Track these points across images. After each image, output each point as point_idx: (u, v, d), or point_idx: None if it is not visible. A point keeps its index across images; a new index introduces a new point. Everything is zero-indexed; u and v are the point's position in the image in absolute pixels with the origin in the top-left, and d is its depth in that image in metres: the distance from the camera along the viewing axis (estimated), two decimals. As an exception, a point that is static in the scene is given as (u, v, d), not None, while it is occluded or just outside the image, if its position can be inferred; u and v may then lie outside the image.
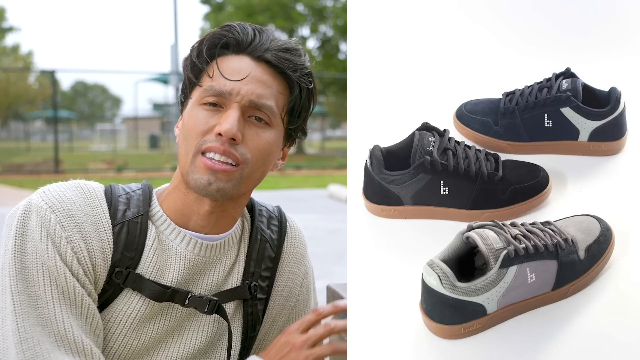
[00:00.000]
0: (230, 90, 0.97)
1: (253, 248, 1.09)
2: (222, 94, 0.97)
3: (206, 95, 0.98)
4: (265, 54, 0.99)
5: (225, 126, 0.95)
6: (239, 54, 1.00)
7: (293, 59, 1.01)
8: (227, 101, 0.98)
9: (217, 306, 1.02)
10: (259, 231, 1.11)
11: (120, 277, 0.97)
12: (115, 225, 0.98)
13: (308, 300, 1.18)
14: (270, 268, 1.11)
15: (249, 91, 0.98)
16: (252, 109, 0.98)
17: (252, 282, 1.07)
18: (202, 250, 1.02)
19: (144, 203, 1.02)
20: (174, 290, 0.99)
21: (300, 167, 17.26)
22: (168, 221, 1.01)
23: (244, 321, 1.07)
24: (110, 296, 0.97)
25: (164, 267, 1.00)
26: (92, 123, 56.91)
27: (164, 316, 1.00)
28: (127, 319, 0.98)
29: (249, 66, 0.99)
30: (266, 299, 1.11)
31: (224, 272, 1.05)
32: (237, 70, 0.98)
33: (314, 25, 23.36)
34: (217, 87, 0.97)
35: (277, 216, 1.15)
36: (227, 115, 0.96)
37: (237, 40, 0.99)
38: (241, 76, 0.98)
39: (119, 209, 0.99)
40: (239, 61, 0.99)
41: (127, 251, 0.97)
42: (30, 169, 16.12)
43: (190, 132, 0.98)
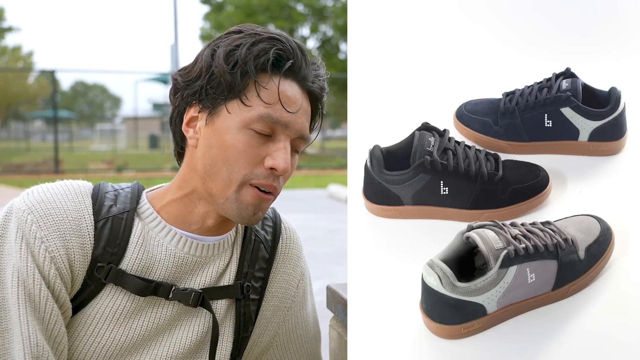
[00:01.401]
0: (287, 122, 0.95)
1: (247, 249, 1.08)
2: (279, 124, 0.95)
3: (260, 122, 0.94)
4: (312, 87, 0.99)
5: (282, 165, 0.94)
6: (291, 79, 0.97)
7: (324, 85, 1.01)
8: (279, 131, 0.96)
9: (202, 299, 1.01)
10: (253, 232, 1.10)
11: (101, 272, 0.96)
12: (99, 220, 0.97)
13: (304, 302, 1.17)
14: (264, 269, 1.10)
15: (301, 126, 0.97)
16: (297, 142, 0.98)
17: (245, 283, 1.06)
18: (193, 249, 1.01)
19: (132, 200, 1.01)
20: (157, 284, 0.98)
21: (300, 167, 17.26)
22: (158, 219, 1.01)
23: (236, 321, 1.07)
24: (92, 291, 0.97)
25: (150, 264, 0.99)
26: (92, 123, 56.97)
27: (151, 312, 1.00)
28: (113, 314, 0.97)
29: (300, 96, 0.97)
30: (259, 299, 1.10)
31: (217, 272, 1.04)
32: (292, 101, 0.96)
33: (314, 25, 23.37)
34: (275, 117, 0.94)
35: (272, 217, 1.15)
36: (281, 151, 0.95)
37: (292, 63, 0.95)
38: (296, 108, 0.96)
39: (105, 205, 0.99)
40: (292, 89, 0.96)
41: (109, 246, 0.97)
42: (30, 169, 16.13)
43: (239, 158, 0.94)
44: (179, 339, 1.02)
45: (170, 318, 1.01)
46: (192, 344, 1.03)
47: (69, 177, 1.04)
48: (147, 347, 1.00)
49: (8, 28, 30.25)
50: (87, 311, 0.97)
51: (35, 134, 41.66)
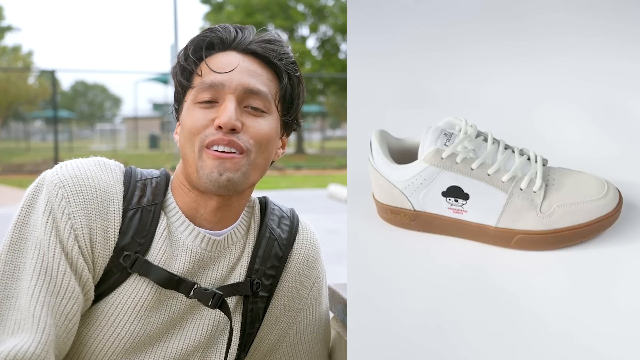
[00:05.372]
0: (222, 81, 0.99)
1: (260, 245, 1.09)
2: (214, 86, 0.99)
3: (199, 92, 1.00)
4: (250, 46, 1.02)
5: (224, 118, 0.97)
6: (225, 50, 1.03)
7: (277, 48, 1.04)
8: (221, 94, 0.99)
9: (221, 301, 1.03)
10: (268, 229, 1.11)
11: (128, 260, 0.98)
12: (130, 209, 1.00)
13: (318, 305, 1.18)
14: (276, 267, 1.10)
15: (241, 80, 1.00)
16: (247, 98, 1.00)
17: (255, 279, 1.07)
18: (209, 245, 1.04)
19: (160, 192, 1.04)
20: (180, 279, 1.00)
21: (300, 167, 17.27)
22: (179, 213, 1.03)
23: (242, 317, 1.08)
24: (117, 280, 0.98)
25: (171, 258, 1.01)
26: (92, 123, 57.00)
27: (167, 306, 1.01)
28: (134, 305, 0.99)
29: (236, 59, 1.02)
30: (269, 297, 1.11)
31: (228, 267, 1.06)
32: (225, 64, 1.01)
33: (313, 25, 23.36)
34: (208, 81, 0.99)
35: (289, 216, 1.15)
36: (224, 107, 0.98)
37: (220, 39, 1.02)
38: (231, 67, 1.00)
39: (135, 194, 1.02)
40: (226, 56, 1.02)
41: (137, 236, 0.99)
42: (30, 169, 16.12)
43: (192, 130, 0.99)
44: (189, 334, 1.04)
45: (182, 313, 1.03)
46: (202, 339, 1.04)
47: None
48: (159, 340, 1.02)
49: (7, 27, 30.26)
50: (109, 300, 0.98)
51: (35, 134, 41.67)
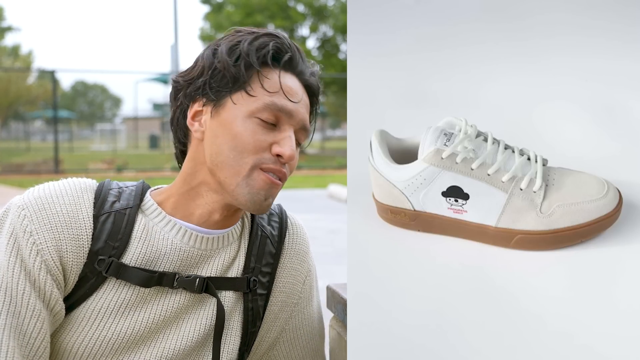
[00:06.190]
0: (291, 111, 0.99)
1: (253, 244, 1.09)
2: (283, 112, 0.98)
3: (265, 110, 0.97)
4: (310, 80, 1.03)
5: (288, 152, 0.98)
6: (290, 72, 1.01)
7: (318, 82, 1.06)
8: (284, 121, 0.99)
9: (206, 285, 1.02)
10: (259, 227, 1.11)
11: (102, 265, 0.97)
12: (102, 214, 0.99)
13: (311, 298, 1.18)
14: (271, 264, 1.11)
15: (303, 116, 1.01)
16: (299, 132, 1.02)
17: (252, 277, 1.07)
18: (198, 242, 1.03)
19: (135, 197, 1.03)
20: (161, 274, 0.99)
21: (300, 167, 17.27)
22: (163, 213, 1.02)
23: (244, 316, 1.08)
24: (93, 285, 0.98)
25: (155, 257, 1.00)
26: (92, 123, 56.99)
27: (157, 303, 1.01)
28: (117, 307, 0.98)
29: (299, 89, 1.02)
30: (267, 294, 1.11)
31: (223, 265, 1.05)
32: (294, 92, 1.00)
33: (313, 25, 23.37)
34: (279, 105, 0.98)
35: (278, 213, 1.16)
36: (287, 140, 0.98)
37: (290, 57, 1.00)
38: (298, 98, 1.00)
39: (108, 200, 1.01)
40: (293, 81, 1.01)
41: (110, 240, 0.98)
42: (30, 169, 16.14)
43: (248, 147, 0.97)
44: (186, 332, 1.03)
45: (177, 309, 1.02)
46: (199, 336, 1.04)
47: (68, 177, 1.05)
48: (154, 339, 1.01)
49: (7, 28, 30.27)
50: (88, 305, 0.98)
51: (35, 134, 41.68)
